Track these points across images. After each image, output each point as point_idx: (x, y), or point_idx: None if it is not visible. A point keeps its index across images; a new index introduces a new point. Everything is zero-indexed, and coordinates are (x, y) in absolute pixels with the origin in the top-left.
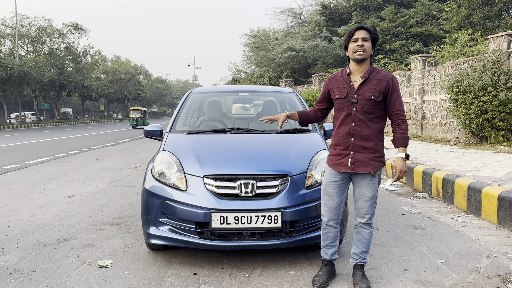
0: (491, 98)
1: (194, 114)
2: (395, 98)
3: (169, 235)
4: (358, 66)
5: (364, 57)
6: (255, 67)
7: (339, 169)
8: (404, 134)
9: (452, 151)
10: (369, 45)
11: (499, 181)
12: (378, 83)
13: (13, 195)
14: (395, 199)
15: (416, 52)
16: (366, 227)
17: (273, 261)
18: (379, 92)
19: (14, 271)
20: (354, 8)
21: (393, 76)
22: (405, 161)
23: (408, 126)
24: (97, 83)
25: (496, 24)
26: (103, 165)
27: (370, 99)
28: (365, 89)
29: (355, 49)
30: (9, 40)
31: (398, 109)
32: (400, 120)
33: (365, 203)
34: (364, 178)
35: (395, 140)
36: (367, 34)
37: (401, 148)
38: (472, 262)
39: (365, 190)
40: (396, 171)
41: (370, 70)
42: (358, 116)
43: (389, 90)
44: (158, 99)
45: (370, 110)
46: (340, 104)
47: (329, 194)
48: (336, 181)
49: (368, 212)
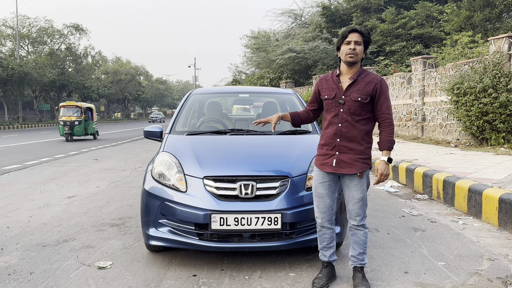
0: (491, 100)
1: (194, 115)
2: (382, 101)
3: (169, 236)
4: (349, 68)
5: (356, 60)
6: (256, 68)
7: (324, 169)
8: (389, 137)
9: (453, 153)
10: (361, 48)
11: (499, 183)
12: (366, 85)
13: (13, 196)
14: (395, 201)
15: (416, 54)
16: (360, 228)
17: (273, 263)
18: (367, 94)
19: (13, 272)
20: (355, 10)
21: (381, 79)
22: (387, 164)
23: (394, 129)
24: (97, 84)
25: (497, 26)
26: (103, 165)
27: (357, 101)
28: (353, 91)
29: (347, 52)
30: (9, 41)
31: (385, 112)
32: (386, 123)
33: (355, 205)
34: (352, 180)
35: (380, 143)
36: (360, 37)
37: (385, 152)
38: (473, 265)
39: (354, 192)
40: (377, 173)
41: (359, 72)
42: (344, 117)
43: (377, 92)
44: (159, 100)
45: (357, 112)
46: (329, 105)
47: (320, 195)
48: (325, 182)
49: (359, 214)
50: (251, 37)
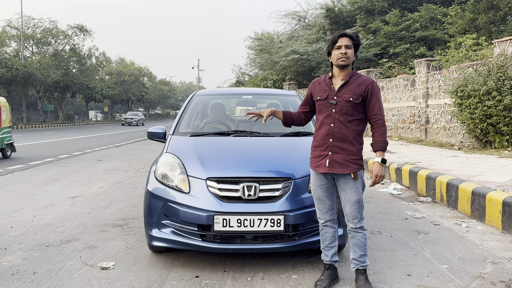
0: (495, 102)
1: (197, 117)
2: (374, 102)
3: (172, 237)
4: (341, 71)
5: (347, 63)
6: (259, 70)
7: (319, 170)
8: (382, 138)
9: (456, 155)
10: (351, 52)
11: (503, 186)
12: (358, 86)
13: (17, 196)
14: (398, 203)
15: (420, 56)
16: (358, 230)
17: (275, 265)
18: (358, 95)
19: (17, 272)
20: (359, 12)
21: (373, 81)
22: (382, 165)
23: (387, 130)
24: (101, 85)
25: (501, 29)
26: (106, 166)
27: (348, 101)
28: (345, 91)
29: (338, 57)
30: (14, 41)
31: (377, 113)
32: (378, 124)
33: (351, 208)
34: (347, 183)
35: (373, 144)
36: (350, 41)
37: (378, 152)
38: (476, 268)
39: (350, 194)
40: (372, 175)
41: (351, 74)
42: (337, 117)
43: (368, 93)
44: (162, 101)
45: (349, 112)
46: (321, 106)
47: (319, 198)
48: (323, 185)
49: (356, 216)
50: (255, 39)
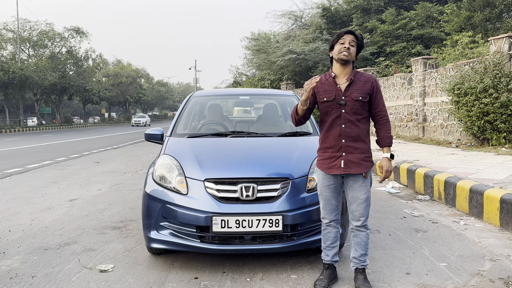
0: (492, 100)
1: (195, 118)
2: (379, 99)
3: (170, 239)
4: (342, 69)
5: (349, 59)
6: (256, 70)
7: (332, 172)
8: (388, 133)
9: (454, 153)
10: (354, 50)
11: (501, 183)
12: (364, 84)
13: (15, 199)
14: (396, 202)
15: (417, 54)
16: (362, 229)
17: (274, 265)
18: (366, 93)
19: (15, 276)
20: (355, 11)
21: (375, 78)
22: (390, 160)
23: (391, 126)
24: (98, 87)
25: (497, 26)
26: (104, 168)
27: (358, 100)
28: (353, 91)
29: (340, 50)
30: (10, 44)
31: (382, 109)
32: (384, 120)
33: (359, 206)
34: (356, 181)
35: (380, 140)
36: (354, 39)
37: (386, 148)
38: (475, 265)
39: (359, 192)
40: (383, 171)
41: (354, 73)
42: (347, 117)
43: (374, 91)
44: (160, 102)
45: (358, 111)
46: (328, 107)
47: (326, 198)
48: (331, 185)
49: (363, 215)
50: (252, 39)
